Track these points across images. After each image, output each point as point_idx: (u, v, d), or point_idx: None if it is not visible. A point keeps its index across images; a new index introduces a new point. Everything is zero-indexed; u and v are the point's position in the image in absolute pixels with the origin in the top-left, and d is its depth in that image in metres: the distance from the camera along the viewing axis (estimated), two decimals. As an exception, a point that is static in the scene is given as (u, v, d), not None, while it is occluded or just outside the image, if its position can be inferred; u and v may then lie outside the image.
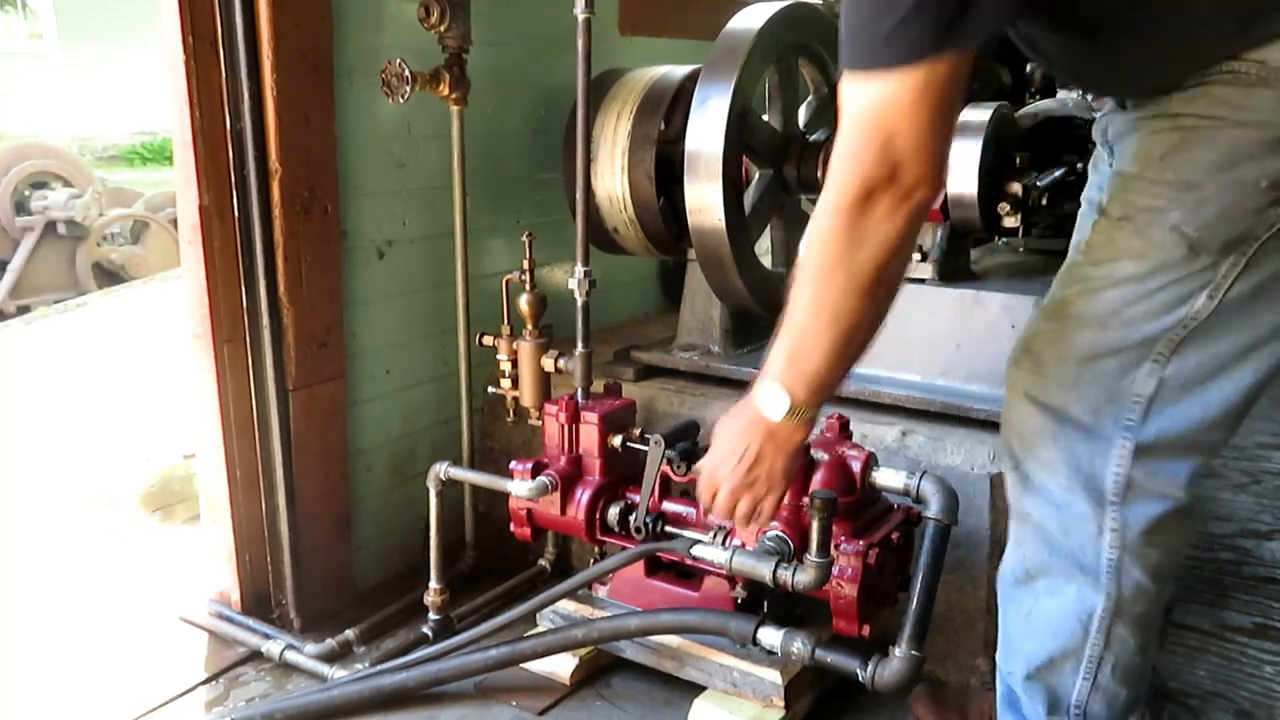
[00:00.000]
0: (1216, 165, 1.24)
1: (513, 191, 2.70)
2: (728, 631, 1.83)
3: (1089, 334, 1.35)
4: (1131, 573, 1.38)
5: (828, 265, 1.25)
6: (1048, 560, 1.43)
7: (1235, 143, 1.23)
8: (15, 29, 17.34)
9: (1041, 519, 1.42)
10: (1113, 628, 1.41)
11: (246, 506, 2.23)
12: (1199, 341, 1.31)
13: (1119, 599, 1.39)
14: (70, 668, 2.15)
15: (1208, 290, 1.28)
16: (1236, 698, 2.02)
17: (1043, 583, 1.45)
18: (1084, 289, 1.36)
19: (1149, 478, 1.35)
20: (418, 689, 1.99)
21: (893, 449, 2.09)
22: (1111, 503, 1.36)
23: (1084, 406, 1.36)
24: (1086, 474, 1.37)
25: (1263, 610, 2.33)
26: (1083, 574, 1.40)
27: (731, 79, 2.19)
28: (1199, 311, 1.29)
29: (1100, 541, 1.38)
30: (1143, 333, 1.32)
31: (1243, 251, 1.26)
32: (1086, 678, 1.44)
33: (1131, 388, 1.34)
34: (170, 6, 1.98)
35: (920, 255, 2.26)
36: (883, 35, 1.14)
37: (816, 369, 1.34)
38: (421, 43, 2.25)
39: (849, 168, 1.19)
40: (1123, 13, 1.27)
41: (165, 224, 7.20)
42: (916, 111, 1.15)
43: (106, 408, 3.87)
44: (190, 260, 2.11)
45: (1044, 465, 1.40)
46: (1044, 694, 1.48)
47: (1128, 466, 1.35)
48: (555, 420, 2.12)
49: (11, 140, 8.57)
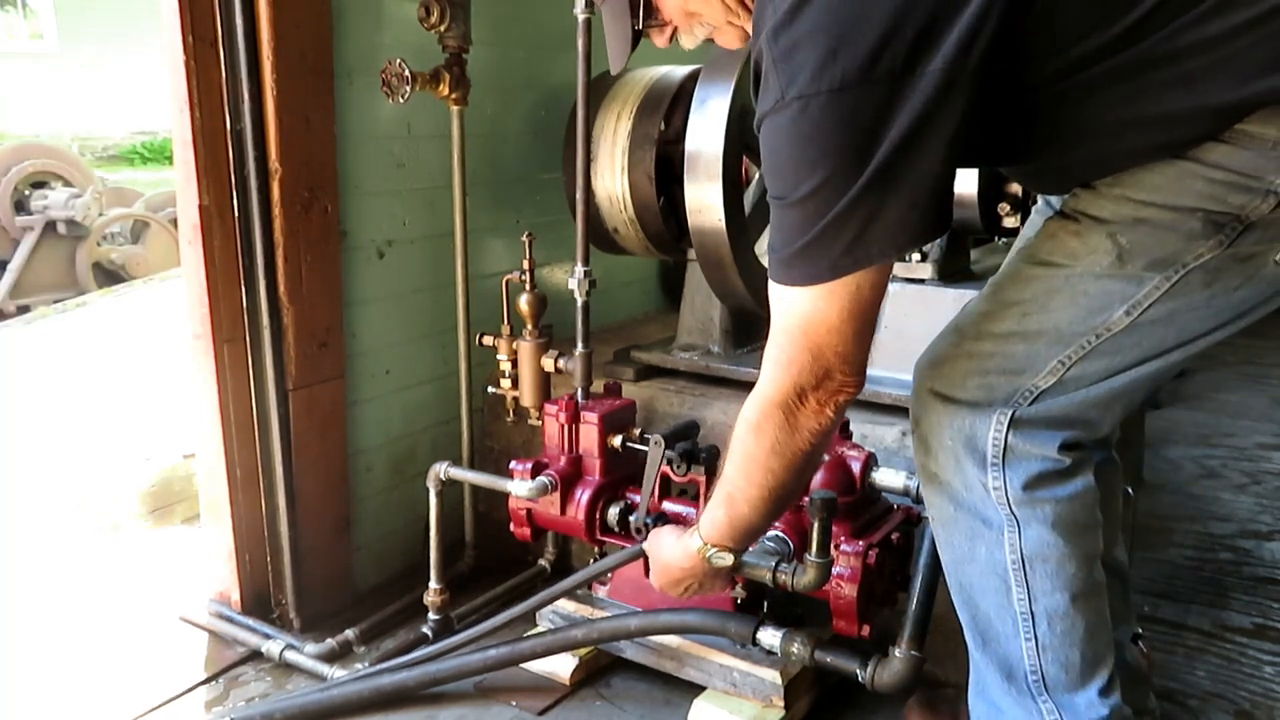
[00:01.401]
0: (1159, 187, 1.27)
1: (513, 191, 2.70)
2: (727, 632, 1.83)
3: (1010, 315, 1.40)
4: (1030, 525, 1.43)
5: (764, 451, 1.40)
6: (954, 514, 1.48)
7: (1181, 172, 1.25)
8: (15, 29, 17.34)
9: (946, 477, 1.47)
10: (1030, 580, 1.44)
11: (246, 506, 2.23)
12: (1105, 351, 1.36)
13: (1024, 551, 1.44)
14: (70, 667, 2.15)
15: (1126, 306, 1.32)
16: (1236, 698, 2.02)
17: (958, 544, 1.50)
18: (1016, 276, 1.42)
19: (1024, 443, 1.41)
20: (417, 689, 1.99)
21: (893, 449, 2.09)
22: (993, 464, 1.42)
23: (978, 383, 1.42)
24: (967, 436, 1.43)
25: (1262, 611, 2.34)
26: (987, 528, 1.45)
27: (731, 79, 2.19)
28: (1113, 324, 1.34)
29: (989, 498, 1.43)
30: (1056, 325, 1.36)
31: (1167, 276, 1.29)
32: (1028, 637, 1.47)
33: (1030, 380, 1.39)
34: (170, 6, 1.98)
35: (920, 255, 2.26)
36: (788, 257, 1.27)
37: (750, 526, 1.55)
38: (421, 43, 2.25)
39: (784, 372, 1.34)
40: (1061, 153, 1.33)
41: (165, 224, 7.19)
42: (841, 327, 1.29)
43: (106, 408, 3.87)
44: (190, 260, 2.11)
45: (935, 427, 1.47)
46: (998, 664, 1.52)
47: (1004, 434, 1.41)
48: (555, 420, 2.12)
49: (11, 140, 8.57)
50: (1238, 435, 3.29)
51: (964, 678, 2.03)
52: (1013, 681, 1.50)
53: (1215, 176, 1.22)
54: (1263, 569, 2.52)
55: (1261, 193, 1.21)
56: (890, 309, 2.24)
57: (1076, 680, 1.48)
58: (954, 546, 1.51)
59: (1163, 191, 1.26)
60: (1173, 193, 1.25)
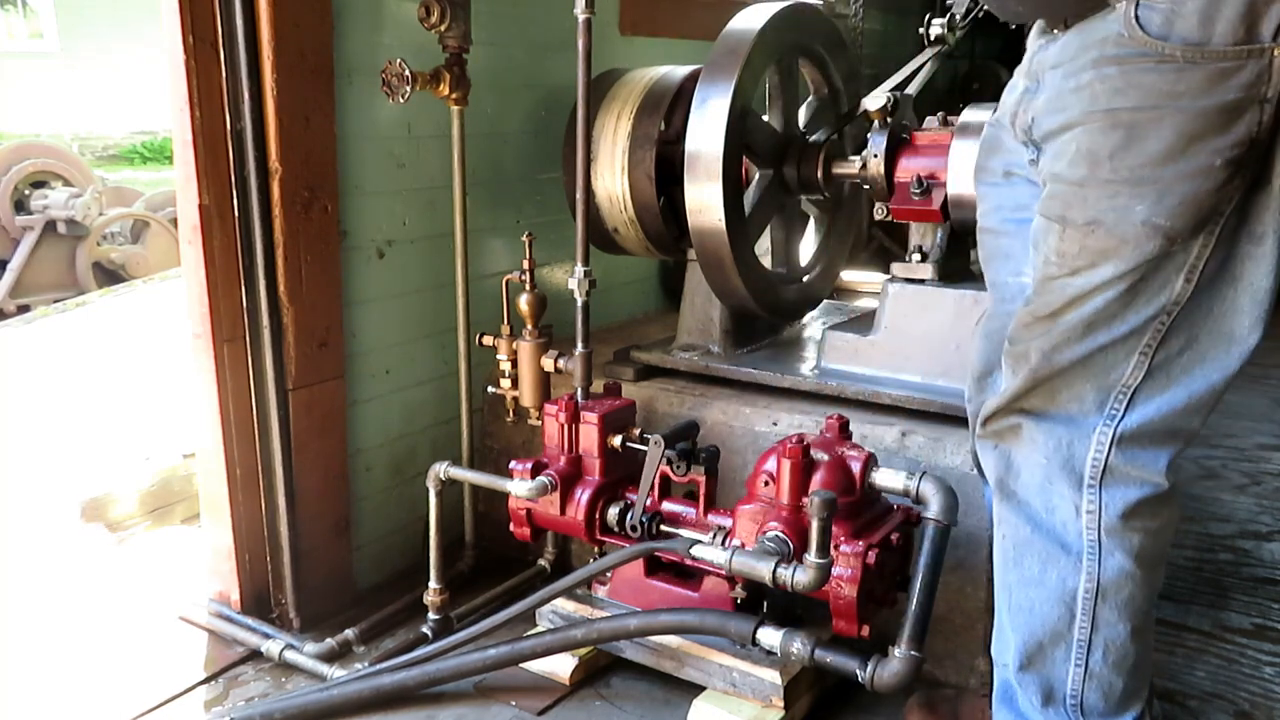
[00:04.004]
0: (1168, 155, 1.26)
1: (513, 191, 2.70)
2: (727, 632, 1.83)
3: (1079, 339, 1.38)
4: (1114, 555, 1.40)
5: None
6: (1030, 537, 1.45)
7: (1180, 129, 1.24)
8: (15, 29, 17.32)
9: (1025, 496, 1.44)
10: (1098, 610, 1.42)
11: (246, 506, 2.22)
12: (1182, 327, 1.34)
13: (1101, 580, 1.41)
14: (70, 667, 2.15)
15: (1184, 273, 1.31)
16: (1236, 699, 2.02)
17: (1028, 564, 1.46)
18: (1070, 300, 1.38)
19: (1128, 464, 1.38)
20: (417, 688, 1.99)
21: (893, 449, 2.09)
22: (1089, 485, 1.39)
23: (1070, 395, 1.39)
24: (1065, 456, 1.40)
25: (1262, 611, 2.34)
26: (1064, 554, 1.42)
27: (732, 79, 2.19)
28: (1179, 295, 1.33)
29: (1079, 522, 1.40)
30: (1129, 326, 1.35)
31: (1210, 231, 1.29)
32: (1078, 664, 1.45)
33: (1120, 379, 1.37)
34: (170, 7, 1.98)
35: (920, 255, 2.26)
36: None
37: None
38: (421, 43, 2.25)
39: None
40: None
41: (165, 223, 7.18)
42: None
43: (106, 407, 3.87)
44: (190, 260, 2.11)
45: (1025, 443, 1.43)
46: (1038, 685, 1.49)
47: (1106, 452, 1.38)
48: (555, 420, 2.12)
49: (11, 140, 8.56)
50: (1238, 435, 3.29)
51: (964, 678, 2.04)
52: (1050, 704, 1.48)
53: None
54: (1263, 569, 2.52)
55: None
56: (890, 309, 2.28)
57: (1114, 708, 1.46)
58: (1023, 568, 1.48)
59: (1178, 95, 1.24)
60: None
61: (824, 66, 2.59)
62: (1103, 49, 1.29)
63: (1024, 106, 1.47)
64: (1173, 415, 1.37)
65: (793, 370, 2.37)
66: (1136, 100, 1.26)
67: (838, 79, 2.61)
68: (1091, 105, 1.30)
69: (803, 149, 2.43)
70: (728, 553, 1.79)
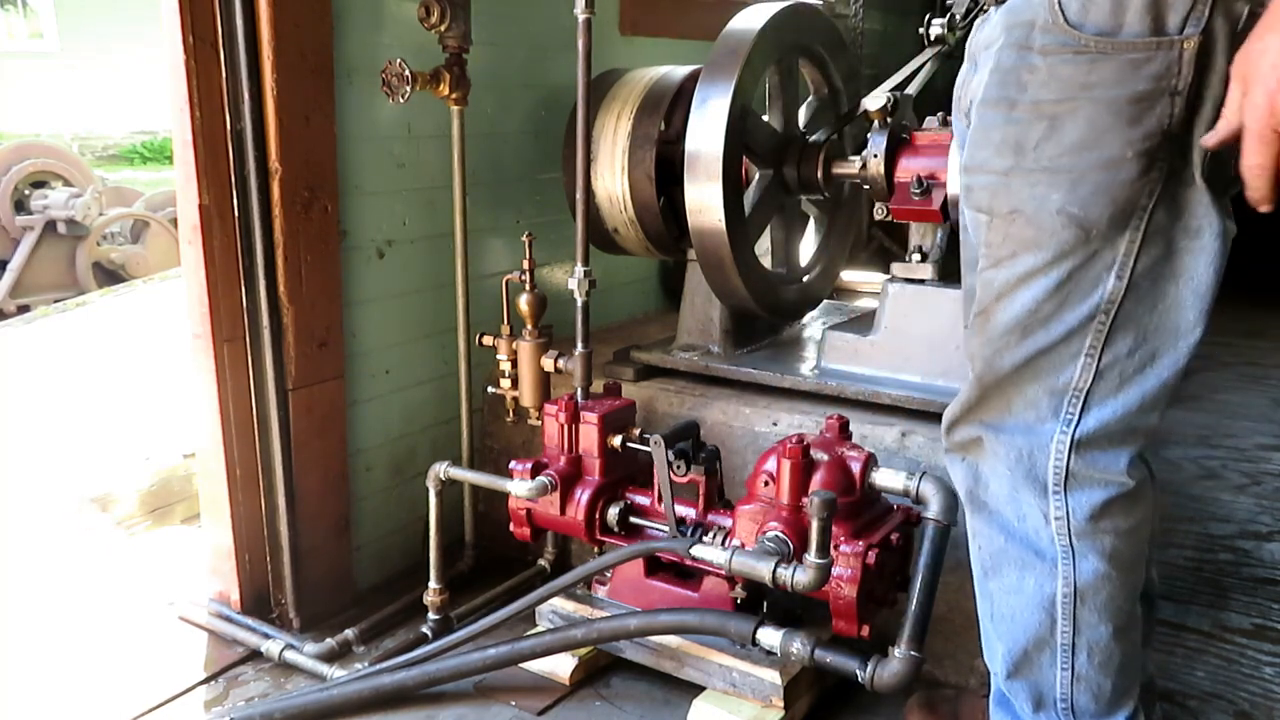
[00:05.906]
0: (1082, 144, 1.27)
1: (513, 191, 2.70)
2: (727, 632, 1.83)
3: (1017, 343, 1.37)
4: (1087, 558, 1.40)
5: None
6: (1005, 546, 1.45)
7: (1092, 119, 1.25)
8: (15, 29, 17.32)
9: (996, 506, 1.45)
10: (1078, 613, 1.42)
11: (246, 506, 2.22)
12: (1127, 327, 1.33)
13: (1078, 584, 1.41)
14: (69, 667, 2.15)
15: (1115, 270, 1.31)
16: (1235, 699, 2.02)
17: (1005, 574, 1.46)
18: (997, 295, 1.38)
19: (1088, 468, 1.38)
20: (417, 688, 1.99)
21: (893, 449, 2.09)
22: (1054, 492, 1.39)
23: (1024, 402, 1.39)
24: (1026, 466, 1.39)
25: (1262, 611, 2.34)
26: (1039, 560, 1.42)
27: (732, 79, 2.19)
28: (1113, 293, 1.32)
29: (1049, 529, 1.40)
30: (1066, 326, 1.34)
31: (1135, 226, 1.28)
32: (1064, 668, 1.45)
33: (1070, 383, 1.36)
34: (170, 7, 1.98)
35: (920, 255, 2.26)
36: None
37: None
38: (421, 43, 2.25)
39: None
40: None
41: (165, 223, 7.19)
42: None
43: (106, 407, 3.87)
44: (190, 260, 2.11)
45: (988, 455, 1.43)
46: (1028, 691, 1.49)
47: (1066, 459, 1.37)
48: (555, 420, 2.12)
49: (11, 140, 8.56)
50: (1238, 436, 3.29)
51: (963, 678, 2.04)
52: (1041, 709, 1.49)
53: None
54: (1262, 570, 2.52)
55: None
56: (890, 309, 2.28)
57: (1105, 709, 1.46)
58: (1001, 577, 1.48)
59: (1091, 86, 1.25)
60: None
61: (824, 66, 2.59)
62: (1028, 33, 1.29)
63: (965, 89, 1.48)
64: (1129, 415, 1.37)
65: (793, 370, 2.37)
66: (1057, 93, 1.27)
67: (838, 79, 2.61)
68: (1019, 95, 1.31)
69: (803, 149, 2.43)
70: (728, 553, 1.79)
